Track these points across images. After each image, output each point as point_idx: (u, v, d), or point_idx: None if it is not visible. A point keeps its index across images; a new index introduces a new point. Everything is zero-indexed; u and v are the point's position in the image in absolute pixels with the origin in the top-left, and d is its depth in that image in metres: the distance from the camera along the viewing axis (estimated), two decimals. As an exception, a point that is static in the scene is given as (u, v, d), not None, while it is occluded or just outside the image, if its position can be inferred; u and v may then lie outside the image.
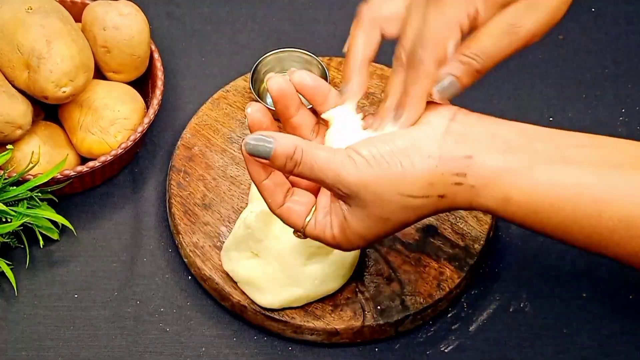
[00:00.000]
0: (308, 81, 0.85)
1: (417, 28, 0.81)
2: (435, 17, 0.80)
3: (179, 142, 1.08)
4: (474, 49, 0.81)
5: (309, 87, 0.85)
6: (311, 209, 0.84)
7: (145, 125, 1.05)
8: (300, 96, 0.85)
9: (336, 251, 0.96)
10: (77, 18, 1.08)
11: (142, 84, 1.11)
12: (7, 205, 0.99)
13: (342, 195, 0.81)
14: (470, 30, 0.82)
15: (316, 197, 0.85)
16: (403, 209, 0.80)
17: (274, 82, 0.84)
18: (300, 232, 0.85)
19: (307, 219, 0.84)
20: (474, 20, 0.81)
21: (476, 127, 0.80)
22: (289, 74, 0.85)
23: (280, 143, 0.80)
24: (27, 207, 1.00)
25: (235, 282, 0.98)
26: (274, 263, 0.96)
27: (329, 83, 1.09)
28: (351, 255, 0.98)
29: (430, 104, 0.82)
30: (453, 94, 0.82)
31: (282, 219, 0.85)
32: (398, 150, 0.79)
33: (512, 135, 0.80)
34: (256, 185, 0.83)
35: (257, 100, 1.09)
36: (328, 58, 1.13)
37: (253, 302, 0.97)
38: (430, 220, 1.02)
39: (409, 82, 0.81)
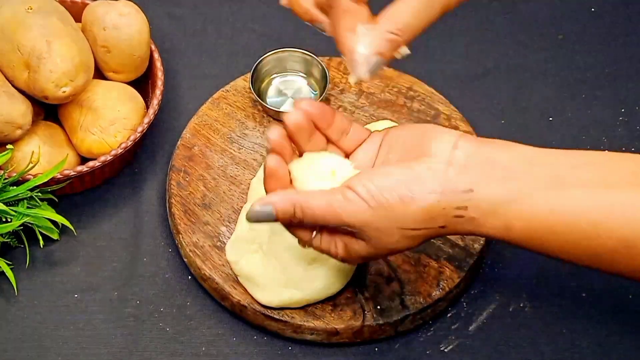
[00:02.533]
0: (315, 109, 0.86)
1: None
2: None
3: (178, 142, 1.08)
4: (397, 23, 0.84)
5: (316, 115, 0.86)
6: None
7: (145, 125, 1.05)
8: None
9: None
10: (77, 18, 1.08)
11: (142, 84, 1.11)
12: (7, 205, 0.99)
13: (348, 231, 0.83)
14: None
15: None
16: (405, 239, 0.82)
17: (291, 118, 0.85)
18: (306, 244, 0.87)
19: (314, 234, 0.85)
20: None
21: (477, 155, 0.81)
22: (296, 105, 0.86)
23: (278, 208, 0.83)
24: (27, 207, 1.00)
25: (236, 276, 0.98)
26: (276, 263, 0.96)
27: (329, 83, 1.10)
28: None
29: (432, 129, 0.83)
30: (379, 70, 0.85)
31: (290, 231, 0.87)
32: (397, 185, 0.81)
33: (512, 161, 0.80)
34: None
35: (257, 101, 1.09)
36: (328, 58, 1.13)
37: (253, 302, 0.97)
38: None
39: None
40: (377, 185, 0.81)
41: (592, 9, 1.22)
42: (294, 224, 0.84)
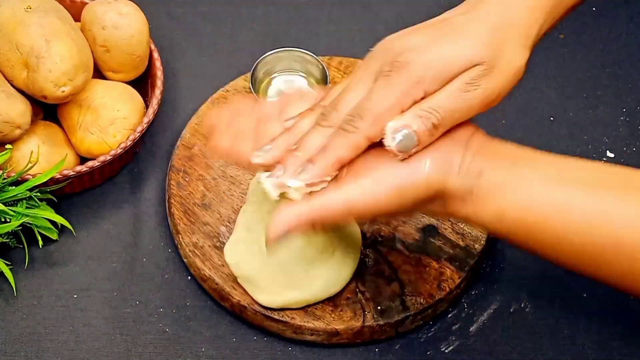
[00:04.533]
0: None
1: (358, 98, 0.81)
2: (382, 94, 0.80)
3: (178, 142, 1.07)
4: (430, 103, 0.80)
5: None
6: None
7: (145, 125, 1.05)
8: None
9: (337, 255, 0.96)
10: (77, 17, 1.08)
11: (142, 84, 1.10)
12: (6, 205, 0.99)
13: None
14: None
15: None
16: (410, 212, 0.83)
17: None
18: None
19: None
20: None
21: (488, 145, 0.82)
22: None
23: (295, 229, 0.81)
24: (26, 207, 1.00)
25: (235, 278, 0.98)
26: (275, 264, 0.96)
27: (329, 82, 1.09)
28: (352, 260, 0.98)
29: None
30: (409, 148, 0.80)
31: None
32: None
33: (517, 153, 0.81)
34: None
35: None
36: (328, 58, 1.13)
37: (253, 303, 0.97)
38: (431, 220, 1.02)
39: (332, 145, 0.81)
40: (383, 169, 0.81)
41: (593, 8, 1.22)
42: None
